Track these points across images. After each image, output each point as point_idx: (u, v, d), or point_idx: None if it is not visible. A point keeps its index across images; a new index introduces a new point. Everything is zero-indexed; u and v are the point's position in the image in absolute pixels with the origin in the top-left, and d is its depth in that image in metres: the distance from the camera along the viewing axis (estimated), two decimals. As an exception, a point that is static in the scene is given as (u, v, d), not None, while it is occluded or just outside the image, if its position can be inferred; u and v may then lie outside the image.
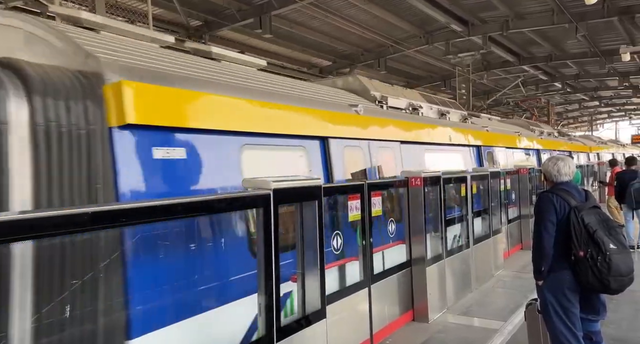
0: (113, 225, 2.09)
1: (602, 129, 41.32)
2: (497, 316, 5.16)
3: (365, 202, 4.20)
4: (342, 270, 4.19)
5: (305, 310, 3.24)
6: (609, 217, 3.15)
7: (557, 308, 3.12)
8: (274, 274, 2.78)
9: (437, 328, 4.89)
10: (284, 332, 2.91)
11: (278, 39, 12.97)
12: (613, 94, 26.12)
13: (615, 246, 2.96)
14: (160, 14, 10.96)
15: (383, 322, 4.57)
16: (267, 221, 2.77)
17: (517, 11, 12.45)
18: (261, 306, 2.76)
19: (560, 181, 3.31)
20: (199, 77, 3.50)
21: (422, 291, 5.01)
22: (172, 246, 2.81)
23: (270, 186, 2.82)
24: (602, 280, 2.93)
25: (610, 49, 15.04)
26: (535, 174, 9.14)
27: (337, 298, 3.88)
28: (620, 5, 11.63)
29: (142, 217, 2.12)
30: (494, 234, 7.02)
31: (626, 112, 34.16)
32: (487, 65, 17.79)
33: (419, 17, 12.44)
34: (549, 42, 15.26)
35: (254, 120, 3.60)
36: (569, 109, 32.43)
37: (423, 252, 4.98)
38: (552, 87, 22.59)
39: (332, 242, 4.02)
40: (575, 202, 3.13)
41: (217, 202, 2.58)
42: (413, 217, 4.99)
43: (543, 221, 3.16)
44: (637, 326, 4.76)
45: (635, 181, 8.16)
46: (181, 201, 2.29)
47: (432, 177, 5.18)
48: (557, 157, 3.43)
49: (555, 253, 3.13)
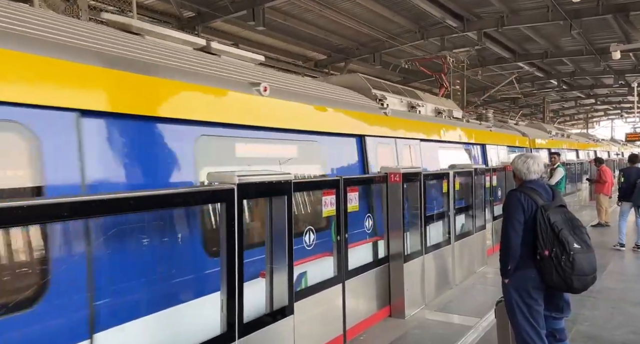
0: (57, 220, 2.06)
1: (597, 127, 41.35)
2: (475, 313, 5.18)
3: (340, 198, 4.19)
4: (318, 265, 4.19)
5: (272, 306, 3.24)
6: (574, 217, 3.15)
7: (522, 305, 3.14)
8: (236, 269, 2.78)
9: (413, 324, 4.91)
10: (247, 328, 2.91)
11: (272, 32, 12.89)
12: (609, 92, 26.09)
13: (579, 245, 2.97)
14: (153, 4, 10.87)
15: (358, 318, 4.58)
16: (231, 216, 2.76)
17: (512, 7, 12.38)
18: (223, 302, 2.76)
19: (529, 178, 3.30)
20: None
21: (399, 287, 5.02)
22: (134, 242, 2.79)
23: (234, 181, 2.80)
24: (565, 279, 2.94)
25: (605, 47, 14.96)
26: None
27: (309, 294, 3.89)
28: (615, 2, 11.57)
29: (92, 211, 2.10)
30: (477, 230, 7.03)
31: (622, 110, 34.13)
32: (483, 61, 17.72)
33: (414, 12, 12.37)
34: (544, 39, 15.20)
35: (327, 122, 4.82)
36: (565, 107, 32.41)
37: (401, 248, 4.99)
38: (548, 84, 22.54)
39: (305, 238, 4.02)
40: (543, 201, 3.13)
41: (176, 197, 2.56)
42: (392, 213, 4.98)
43: (510, 220, 3.16)
44: (611, 324, 4.79)
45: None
46: (135, 195, 2.26)
47: (412, 174, 5.17)
48: (527, 154, 3.42)
49: (522, 252, 3.14)
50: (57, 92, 2.44)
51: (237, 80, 3.87)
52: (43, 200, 2.11)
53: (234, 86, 3.72)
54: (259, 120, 3.82)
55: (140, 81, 2.90)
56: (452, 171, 6.28)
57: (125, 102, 2.79)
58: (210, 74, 3.64)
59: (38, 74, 2.37)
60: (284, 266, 3.25)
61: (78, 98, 2.53)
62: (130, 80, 2.83)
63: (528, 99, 26.32)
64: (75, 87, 2.53)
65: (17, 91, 2.28)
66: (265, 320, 3.12)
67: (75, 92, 2.52)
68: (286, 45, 14.64)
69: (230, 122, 3.52)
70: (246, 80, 3.98)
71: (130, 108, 2.80)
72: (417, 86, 22.00)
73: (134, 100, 2.84)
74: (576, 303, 5.12)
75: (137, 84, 2.88)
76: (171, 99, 3.08)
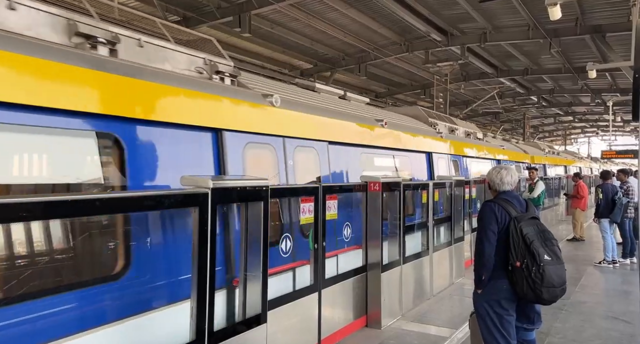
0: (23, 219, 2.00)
1: (575, 144, 42.50)
2: (451, 324, 5.20)
3: (319, 206, 4.17)
4: (294, 273, 4.15)
5: (245, 314, 3.18)
6: (546, 229, 3.20)
7: (493, 316, 3.15)
8: (207, 276, 2.72)
9: (389, 334, 4.89)
10: (217, 337, 2.84)
11: (258, 39, 12.91)
12: (586, 110, 26.88)
13: (550, 257, 3.01)
14: (137, 7, 10.78)
15: (334, 327, 4.54)
16: (204, 221, 2.71)
17: (494, 24, 12.71)
18: (193, 310, 2.69)
19: (502, 189, 3.34)
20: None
21: (376, 296, 5.00)
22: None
23: (208, 185, 2.76)
24: (535, 290, 2.97)
25: (583, 66, 15.41)
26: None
27: (284, 302, 3.84)
28: (593, 24, 12.00)
29: (57, 212, 2.04)
30: (455, 241, 7.09)
31: (598, 128, 35.20)
32: (466, 76, 18.10)
33: (399, 24, 12.57)
34: (525, 56, 15.62)
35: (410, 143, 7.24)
36: (545, 123, 33.25)
37: (379, 257, 4.98)
38: (529, 100, 23.12)
39: (281, 245, 3.98)
40: (516, 213, 3.17)
41: (147, 200, 2.50)
42: (370, 222, 4.98)
43: (485, 230, 3.19)
44: (582, 336, 4.86)
45: (617, 195, 8.24)
46: (102, 196, 2.21)
47: (391, 183, 5.20)
48: (501, 166, 3.47)
49: (495, 262, 3.17)
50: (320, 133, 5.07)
51: (368, 118, 6.35)
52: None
53: (368, 121, 6.21)
54: (380, 143, 6.33)
55: (344, 125, 5.55)
56: (432, 182, 6.34)
57: (340, 136, 5.43)
58: (355, 114, 6.09)
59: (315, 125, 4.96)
60: (258, 273, 3.20)
61: (328, 135, 5.16)
62: (341, 124, 5.50)
63: (509, 114, 26.93)
64: (326, 129, 5.17)
65: (312, 131, 4.89)
66: (237, 328, 3.05)
67: (325, 132, 5.15)
68: (272, 53, 14.69)
69: (370, 144, 6.05)
70: (373, 117, 6.57)
71: (342, 138, 5.46)
72: (402, 97, 22.32)
73: (342, 136, 5.47)
74: (549, 316, 5.19)
75: (344, 126, 5.53)
76: (346, 133, 5.55)
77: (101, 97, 2.83)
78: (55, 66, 2.60)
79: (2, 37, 2.46)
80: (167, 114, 3.21)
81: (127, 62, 3.18)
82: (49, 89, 2.56)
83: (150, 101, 3.12)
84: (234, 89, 4.15)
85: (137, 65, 3.24)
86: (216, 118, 3.63)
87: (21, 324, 2.27)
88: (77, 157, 2.75)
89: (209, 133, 3.61)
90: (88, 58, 2.89)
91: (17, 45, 2.47)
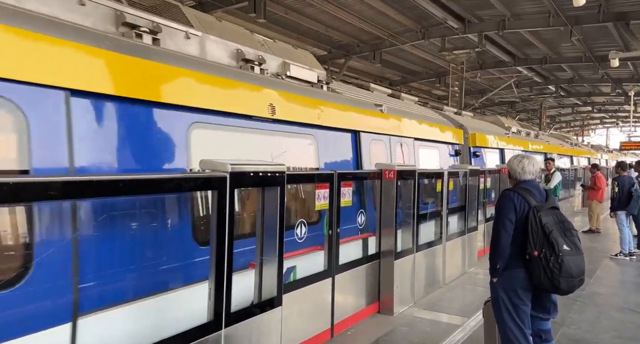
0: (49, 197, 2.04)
1: (593, 135, 41.60)
2: (463, 312, 5.20)
3: (334, 192, 4.17)
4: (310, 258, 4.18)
5: (261, 297, 3.23)
6: (566, 219, 3.16)
7: (508, 305, 3.14)
8: (225, 258, 2.76)
9: (401, 321, 4.92)
10: (234, 317, 2.89)
11: (273, 25, 12.81)
12: (606, 100, 26.23)
13: (569, 247, 2.98)
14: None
15: (347, 313, 4.58)
16: (222, 204, 2.74)
17: (513, 11, 12.38)
18: (211, 291, 2.74)
19: (523, 179, 3.30)
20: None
21: (389, 283, 5.02)
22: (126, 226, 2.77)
23: (227, 169, 2.78)
24: (552, 280, 2.95)
25: (604, 55, 15.02)
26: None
27: (299, 286, 3.88)
28: (616, 10, 11.61)
29: (83, 192, 2.08)
30: (469, 231, 7.05)
31: (618, 119, 34.34)
32: (483, 64, 17.74)
33: (416, 11, 12.33)
34: (544, 44, 15.23)
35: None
36: (562, 113, 32.57)
37: (392, 245, 4.99)
38: (546, 90, 22.62)
39: (296, 230, 4.01)
40: (535, 202, 3.13)
41: (168, 182, 2.53)
42: (384, 210, 4.98)
43: (502, 219, 3.16)
44: (596, 327, 4.83)
45: (634, 187, 8.13)
46: (124, 178, 2.24)
47: (406, 171, 5.17)
48: (523, 155, 3.42)
49: (512, 251, 3.14)
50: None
51: (447, 121, 8.29)
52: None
53: (447, 124, 8.13)
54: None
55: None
56: (446, 171, 6.29)
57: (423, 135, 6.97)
58: (411, 111, 7.19)
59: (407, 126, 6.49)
60: (274, 257, 3.23)
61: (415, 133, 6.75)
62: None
63: (526, 103, 26.41)
64: (413, 129, 6.72)
65: (407, 131, 6.54)
66: (252, 310, 3.10)
67: (413, 131, 6.74)
68: (286, 39, 14.55)
69: (448, 141, 7.87)
70: (458, 121, 8.89)
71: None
72: (416, 85, 22.02)
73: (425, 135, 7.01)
74: (564, 307, 5.16)
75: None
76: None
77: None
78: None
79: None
80: (334, 123, 4.92)
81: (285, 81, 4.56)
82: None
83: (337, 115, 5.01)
84: (333, 95, 5.38)
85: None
86: (356, 123, 5.34)
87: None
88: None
89: (352, 134, 5.30)
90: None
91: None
